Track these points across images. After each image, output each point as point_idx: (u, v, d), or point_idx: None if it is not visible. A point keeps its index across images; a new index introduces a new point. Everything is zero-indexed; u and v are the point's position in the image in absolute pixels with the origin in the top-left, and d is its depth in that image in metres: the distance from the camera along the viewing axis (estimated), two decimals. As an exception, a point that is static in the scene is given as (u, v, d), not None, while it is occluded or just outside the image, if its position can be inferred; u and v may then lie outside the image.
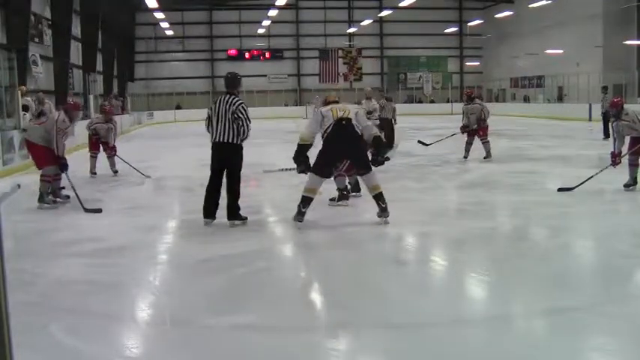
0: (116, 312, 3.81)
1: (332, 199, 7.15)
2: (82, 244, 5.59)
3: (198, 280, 4.47)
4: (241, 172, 6.23)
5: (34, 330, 3.38)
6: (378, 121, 12.26)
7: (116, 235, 5.94)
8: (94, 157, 10.52)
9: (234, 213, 6.15)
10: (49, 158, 7.41)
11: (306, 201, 6.02)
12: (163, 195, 8.84)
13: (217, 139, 6.11)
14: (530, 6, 28.85)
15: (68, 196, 7.57)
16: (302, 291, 4.28)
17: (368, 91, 13.51)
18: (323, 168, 6.14)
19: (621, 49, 28.05)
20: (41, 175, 7.42)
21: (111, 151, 10.57)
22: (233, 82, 6.28)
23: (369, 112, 11.90)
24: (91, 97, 24.28)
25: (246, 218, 6.22)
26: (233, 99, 6.12)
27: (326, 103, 6.53)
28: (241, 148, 6.17)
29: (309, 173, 6.20)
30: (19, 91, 13.38)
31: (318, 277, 4.60)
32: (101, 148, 10.59)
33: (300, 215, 6.00)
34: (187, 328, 3.51)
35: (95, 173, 10.36)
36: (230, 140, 6.06)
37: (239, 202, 6.18)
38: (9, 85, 13.27)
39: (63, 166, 7.41)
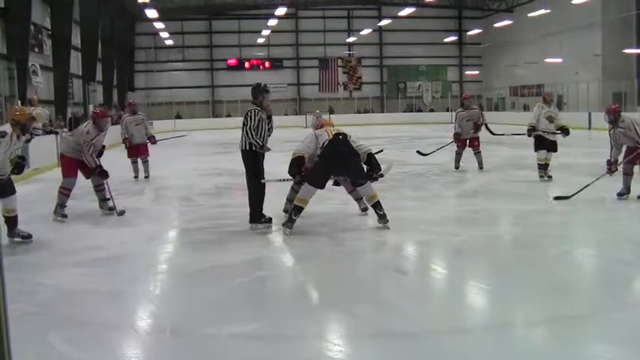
0: (115, 321, 3.80)
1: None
2: (82, 253, 5.58)
3: (198, 289, 4.47)
4: (259, 178, 6.43)
5: (33, 339, 3.38)
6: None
7: (116, 244, 5.93)
8: (134, 163, 11.08)
9: (252, 217, 6.41)
10: (69, 170, 7.35)
11: (297, 210, 6.14)
12: (163, 204, 8.83)
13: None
14: (530, 15, 28.97)
15: (112, 208, 7.52)
16: (302, 300, 4.28)
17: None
18: (318, 179, 6.23)
19: (620, 57, 28.12)
20: (59, 187, 7.32)
21: (147, 152, 11.08)
22: (253, 92, 6.61)
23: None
24: (91, 106, 24.31)
25: (269, 221, 6.41)
26: (248, 107, 6.48)
27: (319, 126, 6.64)
28: (254, 154, 6.38)
29: (304, 183, 6.29)
30: (30, 102, 13.46)
31: (317, 286, 4.60)
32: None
33: (290, 222, 6.12)
34: (187, 337, 3.50)
35: (137, 177, 11.00)
36: (242, 147, 6.41)
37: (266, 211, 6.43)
38: (9, 95, 13.30)
39: (101, 174, 7.35)
